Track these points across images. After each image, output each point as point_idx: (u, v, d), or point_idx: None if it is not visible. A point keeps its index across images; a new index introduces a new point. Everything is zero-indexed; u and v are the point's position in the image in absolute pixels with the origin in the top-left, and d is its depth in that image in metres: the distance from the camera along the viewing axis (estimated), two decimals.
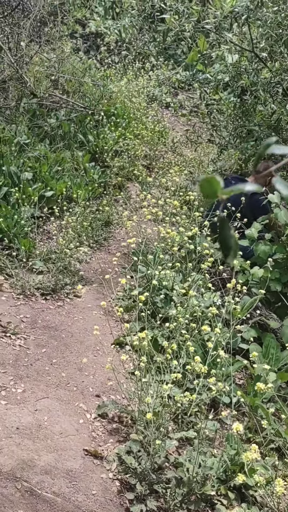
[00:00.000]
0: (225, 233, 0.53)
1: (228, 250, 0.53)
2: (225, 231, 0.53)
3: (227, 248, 0.53)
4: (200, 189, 0.52)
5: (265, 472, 2.04)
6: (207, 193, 0.52)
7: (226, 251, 0.53)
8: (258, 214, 3.66)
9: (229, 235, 0.53)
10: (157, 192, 4.87)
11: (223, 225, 0.53)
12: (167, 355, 2.16)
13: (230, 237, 0.53)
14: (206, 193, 0.52)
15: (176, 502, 1.95)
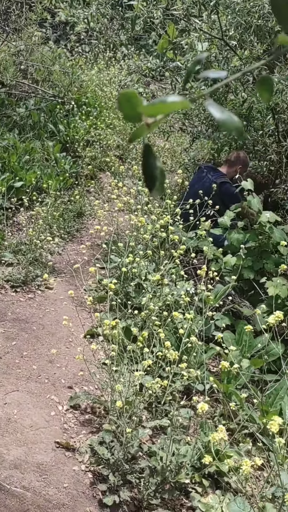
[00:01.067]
0: (149, 162, 0.49)
1: (153, 182, 0.49)
2: (149, 160, 0.49)
3: (151, 179, 0.49)
4: (119, 108, 0.47)
5: (239, 458, 2.04)
6: (127, 113, 0.47)
7: (151, 182, 0.49)
8: (229, 203, 3.66)
9: (154, 164, 0.49)
10: (130, 182, 4.82)
11: (147, 153, 0.49)
12: (139, 344, 2.12)
13: (154, 166, 0.49)
14: (126, 112, 0.47)
15: (150, 492, 1.92)
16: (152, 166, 0.48)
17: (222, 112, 0.49)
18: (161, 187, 0.49)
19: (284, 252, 3.40)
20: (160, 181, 0.49)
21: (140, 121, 0.48)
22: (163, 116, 0.48)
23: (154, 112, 0.47)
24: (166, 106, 0.47)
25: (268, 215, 3.20)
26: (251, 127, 4.31)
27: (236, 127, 0.48)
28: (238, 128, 0.48)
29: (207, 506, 1.90)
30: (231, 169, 4.08)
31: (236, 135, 0.49)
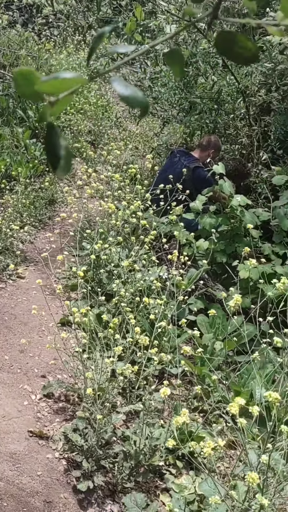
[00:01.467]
0: (52, 141, 0.47)
1: (56, 161, 0.47)
2: (52, 139, 0.47)
3: (54, 158, 0.47)
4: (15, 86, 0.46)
5: (211, 439, 2.07)
6: (24, 91, 0.46)
7: (54, 162, 0.48)
8: (201, 187, 3.66)
9: (57, 143, 0.47)
10: (103, 168, 4.76)
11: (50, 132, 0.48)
12: (110, 330, 2.12)
13: (58, 145, 0.47)
14: (23, 90, 0.45)
15: (124, 476, 1.94)
16: (55, 145, 0.47)
17: (126, 88, 0.47)
18: (66, 166, 0.47)
19: (255, 235, 3.43)
20: (66, 160, 0.47)
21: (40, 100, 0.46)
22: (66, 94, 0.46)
23: (52, 90, 0.45)
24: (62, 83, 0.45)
25: (239, 198, 3.21)
26: (222, 111, 4.30)
27: (140, 103, 0.47)
28: (143, 104, 0.47)
29: (181, 486, 1.93)
30: (204, 153, 4.07)
31: (141, 111, 0.47)
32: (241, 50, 0.46)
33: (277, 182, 3.52)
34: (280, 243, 3.38)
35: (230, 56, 0.47)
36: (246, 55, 0.46)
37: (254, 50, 0.46)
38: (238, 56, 0.47)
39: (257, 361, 2.71)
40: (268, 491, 1.56)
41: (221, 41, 0.46)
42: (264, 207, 3.72)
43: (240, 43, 0.46)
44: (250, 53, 0.46)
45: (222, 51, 0.47)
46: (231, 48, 0.46)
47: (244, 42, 0.46)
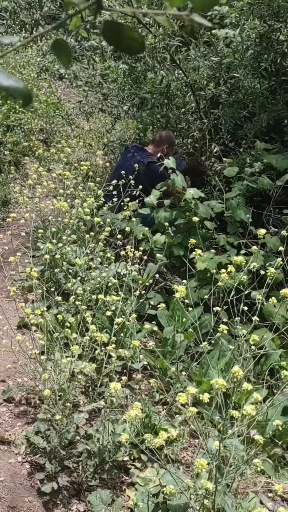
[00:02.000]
0: None
1: None
2: None
3: None
4: None
5: (172, 430, 2.10)
6: None
7: None
8: (156, 182, 3.68)
9: None
10: (56, 167, 4.71)
11: None
12: (67, 330, 2.10)
13: None
14: None
15: (88, 474, 1.94)
16: None
17: (7, 79, 0.47)
18: None
19: (210, 227, 3.49)
20: None
21: None
22: None
23: None
24: None
25: (192, 191, 3.25)
26: (172, 105, 4.33)
27: (22, 93, 0.47)
28: (24, 94, 0.47)
29: (146, 480, 1.94)
30: (158, 148, 4.09)
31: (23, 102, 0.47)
32: (128, 40, 0.47)
33: (228, 174, 3.59)
34: (234, 233, 3.45)
35: (117, 46, 0.48)
36: (133, 45, 0.47)
37: (140, 40, 0.47)
38: (126, 46, 0.47)
39: (217, 350, 2.78)
40: (228, 475, 1.60)
41: (108, 31, 0.47)
42: (219, 199, 3.79)
43: (127, 33, 0.46)
44: (137, 43, 0.47)
45: (110, 41, 0.47)
46: (118, 38, 0.47)
47: (130, 33, 0.46)
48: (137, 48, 0.47)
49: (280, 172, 3.49)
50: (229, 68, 3.88)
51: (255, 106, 3.87)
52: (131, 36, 0.46)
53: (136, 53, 0.49)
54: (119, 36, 0.46)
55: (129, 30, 0.46)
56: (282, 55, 3.74)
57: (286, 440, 2.36)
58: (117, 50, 0.50)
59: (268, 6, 3.55)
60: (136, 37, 0.47)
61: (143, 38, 0.47)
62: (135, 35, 0.46)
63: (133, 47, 0.47)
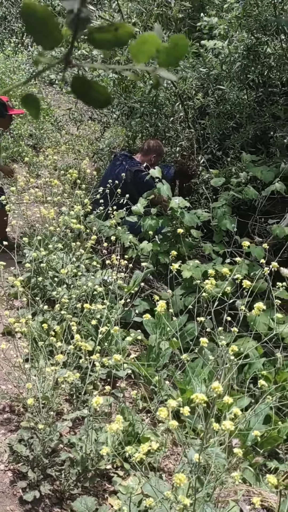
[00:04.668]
0: None
1: None
2: None
3: None
4: None
5: (155, 438, 2.12)
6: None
7: None
8: (143, 190, 3.71)
9: None
10: (46, 172, 4.72)
11: None
12: (52, 338, 2.11)
13: None
14: None
15: (71, 482, 1.94)
16: None
17: None
18: None
19: (196, 235, 3.53)
20: None
21: None
22: None
23: None
24: None
25: (177, 200, 3.29)
26: (161, 114, 4.38)
27: None
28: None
29: (128, 488, 1.95)
30: (146, 157, 4.13)
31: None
32: (95, 94, 0.49)
33: (215, 184, 3.64)
34: (220, 242, 3.49)
35: (86, 100, 0.50)
36: (100, 99, 0.50)
37: (106, 95, 0.50)
38: (93, 100, 0.50)
39: (201, 358, 2.80)
40: (208, 485, 1.62)
41: (77, 86, 0.49)
42: (206, 207, 3.83)
43: (94, 88, 0.49)
44: (103, 97, 0.50)
45: (79, 95, 0.50)
46: (87, 92, 0.49)
47: (98, 87, 0.49)
48: (104, 101, 0.50)
49: (266, 182, 3.55)
50: (216, 79, 3.94)
51: (242, 117, 3.93)
52: (98, 90, 0.49)
53: (103, 106, 0.52)
54: (88, 90, 0.49)
55: (96, 85, 0.49)
56: (269, 68, 3.81)
57: (268, 448, 2.39)
58: (85, 103, 0.52)
59: (256, 19, 3.61)
60: (102, 92, 0.49)
61: (108, 93, 0.50)
62: (101, 89, 0.49)
63: (99, 100, 0.50)
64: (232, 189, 3.56)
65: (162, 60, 0.48)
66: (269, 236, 3.49)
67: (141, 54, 0.47)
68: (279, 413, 2.54)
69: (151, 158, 4.09)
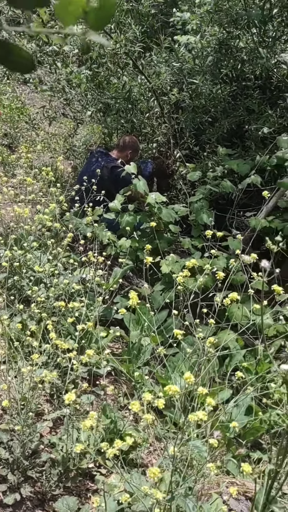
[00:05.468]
0: None
1: None
2: None
3: None
4: None
5: (137, 435, 2.11)
6: None
7: None
8: (120, 187, 3.69)
9: None
10: (22, 172, 4.65)
11: None
12: (28, 338, 2.08)
13: None
14: None
15: (52, 483, 1.92)
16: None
17: None
18: None
19: (175, 230, 3.53)
20: None
21: None
22: None
23: None
24: None
25: (153, 196, 3.28)
26: (136, 110, 4.36)
27: None
28: None
29: (110, 486, 1.94)
30: (122, 154, 4.11)
31: None
32: (17, 58, 0.47)
33: (191, 178, 3.64)
34: (198, 236, 3.49)
35: (7, 65, 0.48)
36: (22, 64, 0.48)
37: (28, 58, 0.48)
38: (15, 65, 0.48)
39: (184, 352, 2.80)
40: (190, 478, 1.61)
41: None
42: (184, 202, 3.84)
43: (14, 52, 0.47)
44: (25, 61, 0.48)
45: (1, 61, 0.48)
46: (6, 57, 0.47)
47: (18, 51, 0.47)
48: (27, 66, 0.48)
49: (242, 176, 3.56)
50: (190, 73, 3.94)
51: (217, 111, 3.94)
52: (20, 54, 0.47)
53: (26, 72, 0.49)
54: (7, 55, 0.47)
55: (18, 49, 0.47)
56: (241, 61, 3.82)
57: (250, 439, 2.40)
58: (7, 68, 0.50)
59: (227, 14, 3.62)
60: (25, 56, 0.47)
61: (32, 57, 0.48)
62: (24, 54, 0.47)
63: (22, 65, 0.48)
64: (209, 183, 3.56)
65: (92, 22, 0.46)
66: (247, 229, 3.51)
67: (68, 15, 0.45)
68: (261, 404, 2.55)
69: (127, 154, 4.07)
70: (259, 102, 3.83)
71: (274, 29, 3.70)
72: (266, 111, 3.73)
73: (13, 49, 0.47)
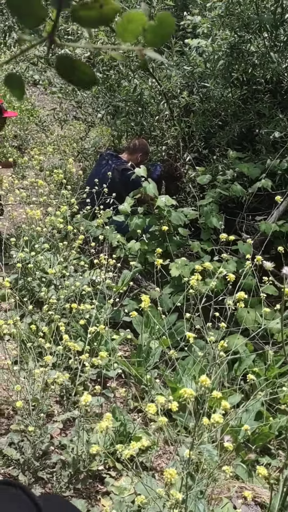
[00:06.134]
0: None
1: None
2: None
3: None
4: None
5: (147, 438, 2.11)
6: None
7: None
8: (131, 189, 3.70)
9: None
10: (32, 173, 4.68)
11: None
12: (40, 339, 2.09)
13: None
14: None
15: (63, 485, 1.92)
16: None
17: None
18: None
19: (184, 234, 3.53)
20: None
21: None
22: None
23: None
24: None
25: (163, 199, 3.28)
26: (146, 113, 4.37)
27: None
28: None
29: (120, 489, 1.94)
30: (132, 156, 4.12)
31: None
32: (80, 74, 0.48)
33: (201, 182, 3.64)
34: (208, 240, 3.49)
35: (71, 80, 0.49)
36: (85, 79, 0.49)
37: (92, 75, 0.48)
38: (78, 80, 0.49)
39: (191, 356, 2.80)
40: (201, 482, 1.61)
41: (61, 66, 0.48)
42: (193, 205, 3.84)
43: (79, 68, 0.48)
44: (88, 77, 0.48)
45: (63, 75, 0.49)
46: (72, 72, 0.48)
47: (83, 67, 0.48)
48: (89, 81, 0.49)
49: (253, 179, 3.56)
50: (201, 77, 3.94)
51: (227, 115, 3.94)
52: (83, 70, 0.48)
53: (88, 86, 0.50)
54: (73, 71, 0.48)
55: (81, 65, 0.48)
56: (252, 65, 3.82)
57: (260, 444, 2.39)
58: (70, 83, 0.51)
59: (238, 18, 3.63)
60: (87, 72, 0.48)
61: (93, 72, 0.49)
62: (87, 69, 0.48)
63: (85, 80, 0.49)
64: (219, 187, 3.56)
65: (149, 39, 0.47)
66: (257, 233, 3.50)
67: (127, 33, 0.46)
68: (270, 409, 2.55)
69: (137, 157, 4.08)
70: (270, 106, 3.82)
71: (286, 34, 3.70)
72: (277, 115, 3.73)
73: (78, 66, 0.47)
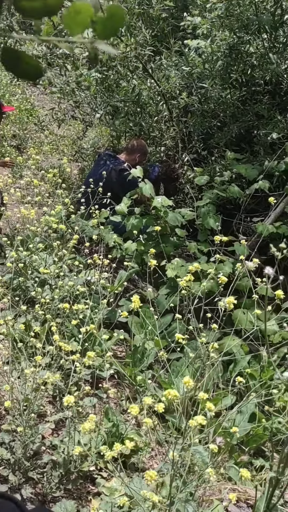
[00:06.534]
0: None
1: None
2: None
3: None
4: None
5: (139, 439, 2.10)
6: None
7: None
8: (128, 189, 3.70)
9: None
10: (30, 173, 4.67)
11: None
12: (32, 339, 2.08)
13: None
14: None
15: (53, 485, 1.91)
16: None
17: None
18: None
19: (181, 234, 3.52)
20: None
21: None
22: None
23: None
24: None
25: (160, 199, 3.27)
26: (145, 114, 4.36)
27: None
28: None
29: (111, 489, 1.93)
30: (131, 157, 4.12)
31: None
32: (26, 66, 0.47)
33: (199, 182, 3.64)
34: (205, 241, 3.48)
35: (16, 72, 0.48)
36: (30, 71, 0.48)
37: (36, 66, 0.48)
38: (24, 73, 0.48)
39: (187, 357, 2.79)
40: (191, 483, 1.60)
41: (7, 58, 0.47)
42: (191, 206, 3.83)
43: (24, 59, 0.47)
44: (33, 68, 0.48)
45: (9, 68, 0.48)
46: (16, 65, 0.47)
47: (28, 59, 0.47)
48: (34, 74, 0.48)
49: (250, 181, 3.55)
50: (199, 78, 3.94)
51: (226, 116, 3.93)
52: (28, 62, 0.47)
53: (34, 79, 0.50)
54: (18, 63, 0.47)
55: (26, 57, 0.47)
56: (251, 66, 3.82)
57: (253, 446, 2.38)
58: (15, 75, 0.50)
59: (237, 19, 3.62)
60: (32, 63, 0.47)
61: (38, 63, 0.48)
62: (31, 61, 0.47)
63: (30, 72, 0.48)
64: (217, 188, 3.56)
65: (99, 31, 0.46)
66: (254, 235, 3.49)
67: (75, 25, 0.45)
68: (264, 411, 2.53)
69: (135, 157, 4.08)
70: (269, 108, 3.82)
71: (285, 35, 3.70)
72: (275, 116, 3.72)
73: (22, 57, 0.47)
